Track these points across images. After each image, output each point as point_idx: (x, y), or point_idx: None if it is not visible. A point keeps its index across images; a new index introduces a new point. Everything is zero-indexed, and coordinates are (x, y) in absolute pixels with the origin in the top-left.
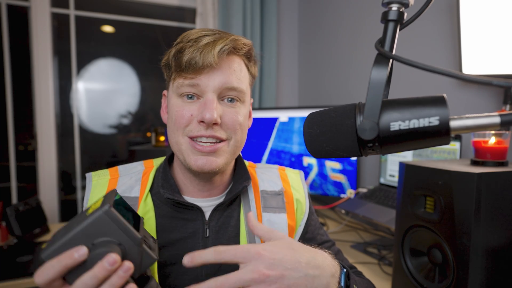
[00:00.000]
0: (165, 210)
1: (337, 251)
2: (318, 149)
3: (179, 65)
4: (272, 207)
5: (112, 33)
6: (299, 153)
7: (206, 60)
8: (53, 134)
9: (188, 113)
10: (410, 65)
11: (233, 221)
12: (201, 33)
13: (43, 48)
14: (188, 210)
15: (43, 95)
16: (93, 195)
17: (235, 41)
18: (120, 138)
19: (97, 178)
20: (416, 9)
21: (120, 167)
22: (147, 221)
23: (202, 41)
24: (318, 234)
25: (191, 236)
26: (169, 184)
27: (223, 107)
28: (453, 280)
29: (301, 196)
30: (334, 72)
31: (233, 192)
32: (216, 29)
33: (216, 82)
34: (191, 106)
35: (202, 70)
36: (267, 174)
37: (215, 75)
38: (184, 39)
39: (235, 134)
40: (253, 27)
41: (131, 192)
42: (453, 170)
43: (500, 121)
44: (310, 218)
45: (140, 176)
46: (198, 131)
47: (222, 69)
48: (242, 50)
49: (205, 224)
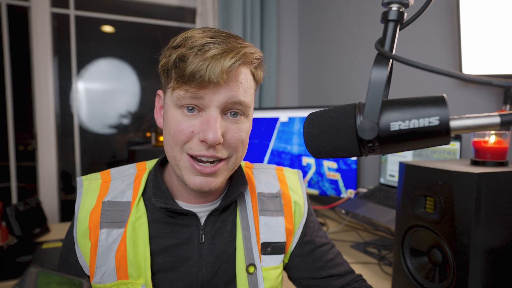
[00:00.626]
0: (159, 215)
1: (337, 253)
2: (318, 149)
3: (181, 75)
4: (269, 210)
5: (112, 33)
6: (298, 154)
7: (213, 76)
8: (53, 134)
9: (188, 129)
10: (410, 65)
11: (228, 225)
12: (206, 39)
13: (43, 48)
14: (182, 215)
15: (43, 95)
16: (85, 200)
17: (246, 56)
18: (120, 138)
19: (88, 182)
20: (416, 9)
21: (112, 170)
22: (140, 227)
23: (208, 51)
24: (317, 237)
25: (186, 242)
26: (161, 191)
27: (226, 124)
28: (453, 280)
29: (299, 197)
30: (334, 72)
31: (229, 197)
32: (218, 30)
33: (221, 97)
34: (191, 120)
35: (208, 85)
36: (264, 175)
37: (221, 89)
38: (186, 43)
39: (236, 152)
40: (253, 27)
41: (123, 197)
42: (453, 170)
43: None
44: (308, 220)
45: (132, 180)
46: (199, 150)
47: (229, 83)
48: (253, 63)
49: (201, 229)
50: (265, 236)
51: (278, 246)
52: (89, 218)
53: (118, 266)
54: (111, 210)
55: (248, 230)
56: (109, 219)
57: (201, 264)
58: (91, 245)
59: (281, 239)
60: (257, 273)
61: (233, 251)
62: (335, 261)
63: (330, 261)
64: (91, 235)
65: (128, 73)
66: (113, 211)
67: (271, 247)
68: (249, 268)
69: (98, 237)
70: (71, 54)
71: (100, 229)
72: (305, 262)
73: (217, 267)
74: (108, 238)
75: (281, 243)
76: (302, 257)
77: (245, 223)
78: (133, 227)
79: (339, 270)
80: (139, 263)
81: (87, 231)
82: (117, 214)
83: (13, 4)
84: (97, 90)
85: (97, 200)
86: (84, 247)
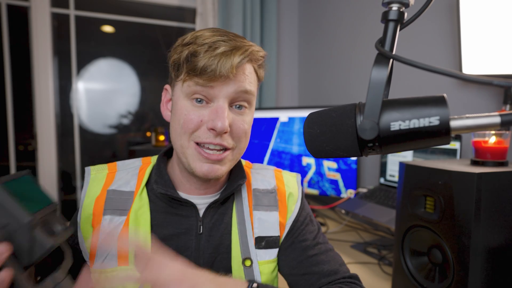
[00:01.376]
0: (160, 205)
1: (324, 251)
2: (318, 149)
3: (193, 69)
4: (263, 205)
5: (112, 33)
6: (298, 154)
7: (223, 70)
8: (53, 134)
9: (197, 118)
10: (410, 65)
11: (226, 218)
12: (215, 38)
13: (43, 48)
14: (182, 206)
15: (43, 95)
16: (91, 189)
17: (252, 54)
18: (120, 138)
19: (95, 172)
20: (416, 9)
21: (118, 162)
22: (142, 215)
23: (218, 48)
24: (304, 231)
25: (184, 233)
26: (163, 180)
27: (232, 115)
28: (453, 280)
29: (294, 191)
30: (334, 72)
31: (228, 190)
32: (225, 30)
33: (230, 89)
34: (200, 110)
35: (218, 78)
36: (261, 174)
37: (230, 82)
38: (197, 41)
39: (239, 143)
40: (253, 27)
41: (127, 186)
42: (453, 170)
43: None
44: (299, 214)
45: (137, 171)
46: (207, 138)
47: (237, 76)
48: (258, 61)
49: (199, 221)
50: (259, 231)
51: (272, 240)
52: (94, 205)
53: (120, 252)
54: (115, 199)
55: (243, 224)
56: (113, 207)
57: (199, 255)
58: (93, 231)
59: (274, 233)
60: (254, 266)
61: (229, 244)
62: (318, 258)
63: (312, 257)
64: (94, 221)
65: (128, 73)
66: (117, 199)
67: (265, 241)
68: (245, 261)
69: (101, 223)
70: (71, 54)
71: (103, 215)
72: (286, 256)
73: (213, 257)
74: (110, 225)
75: (275, 237)
76: (285, 250)
77: (241, 217)
78: (135, 214)
79: (321, 268)
80: None
81: (90, 217)
82: (120, 202)
83: (13, 4)
84: (97, 90)
85: (103, 189)
86: (86, 232)
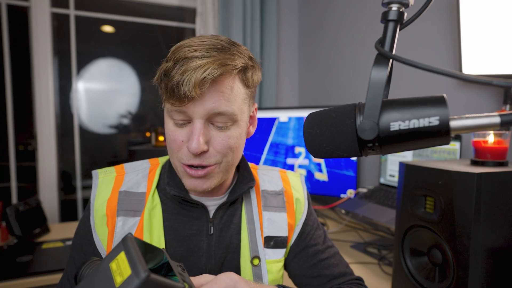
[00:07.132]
0: (172, 206)
1: (333, 254)
2: (318, 149)
3: (165, 90)
4: (272, 206)
5: (112, 33)
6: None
7: (187, 91)
8: (53, 134)
9: (179, 139)
10: (410, 65)
11: (235, 219)
12: (193, 53)
13: (43, 48)
14: (193, 208)
15: (43, 95)
16: (100, 191)
17: (224, 66)
18: (120, 138)
19: (103, 175)
20: (416, 9)
21: (125, 164)
22: (155, 216)
23: (189, 64)
24: (314, 235)
25: (196, 234)
26: (175, 182)
27: (212, 132)
28: (453, 280)
29: (300, 196)
30: (334, 72)
31: (236, 192)
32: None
33: (202, 109)
34: (181, 131)
35: (189, 99)
36: (268, 175)
37: (201, 102)
38: (176, 55)
39: (225, 157)
40: (253, 27)
41: (138, 188)
42: (453, 170)
43: (500, 121)
44: (308, 219)
45: (146, 172)
46: (189, 159)
47: (211, 93)
48: (233, 72)
49: (210, 222)
50: (268, 230)
51: (280, 240)
52: (106, 206)
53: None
54: (127, 200)
55: (253, 224)
56: (126, 208)
57: (210, 255)
58: (108, 232)
59: (283, 234)
60: (261, 265)
61: (238, 243)
62: (329, 261)
63: (324, 261)
64: (108, 222)
65: (128, 73)
66: (129, 200)
67: (273, 241)
68: (253, 260)
69: (115, 225)
70: (71, 54)
71: (117, 217)
72: (299, 259)
73: (223, 257)
74: (125, 226)
75: (283, 237)
76: (297, 253)
77: (250, 217)
78: (149, 214)
79: (332, 270)
80: None
81: (104, 218)
82: (133, 203)
83: (13, 4)
84: (97, 90)
85: (113, 190)
86: (102, 234)
